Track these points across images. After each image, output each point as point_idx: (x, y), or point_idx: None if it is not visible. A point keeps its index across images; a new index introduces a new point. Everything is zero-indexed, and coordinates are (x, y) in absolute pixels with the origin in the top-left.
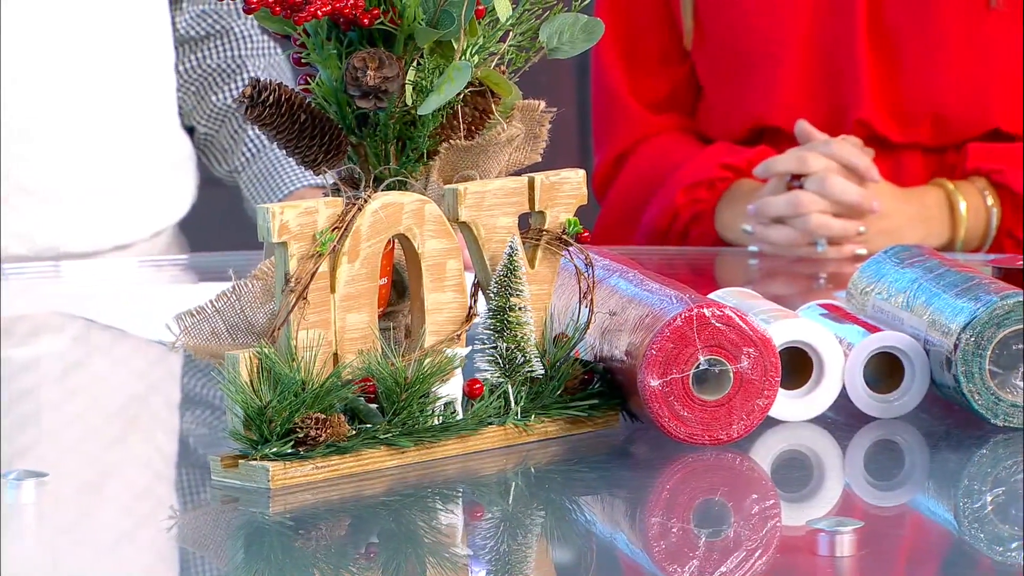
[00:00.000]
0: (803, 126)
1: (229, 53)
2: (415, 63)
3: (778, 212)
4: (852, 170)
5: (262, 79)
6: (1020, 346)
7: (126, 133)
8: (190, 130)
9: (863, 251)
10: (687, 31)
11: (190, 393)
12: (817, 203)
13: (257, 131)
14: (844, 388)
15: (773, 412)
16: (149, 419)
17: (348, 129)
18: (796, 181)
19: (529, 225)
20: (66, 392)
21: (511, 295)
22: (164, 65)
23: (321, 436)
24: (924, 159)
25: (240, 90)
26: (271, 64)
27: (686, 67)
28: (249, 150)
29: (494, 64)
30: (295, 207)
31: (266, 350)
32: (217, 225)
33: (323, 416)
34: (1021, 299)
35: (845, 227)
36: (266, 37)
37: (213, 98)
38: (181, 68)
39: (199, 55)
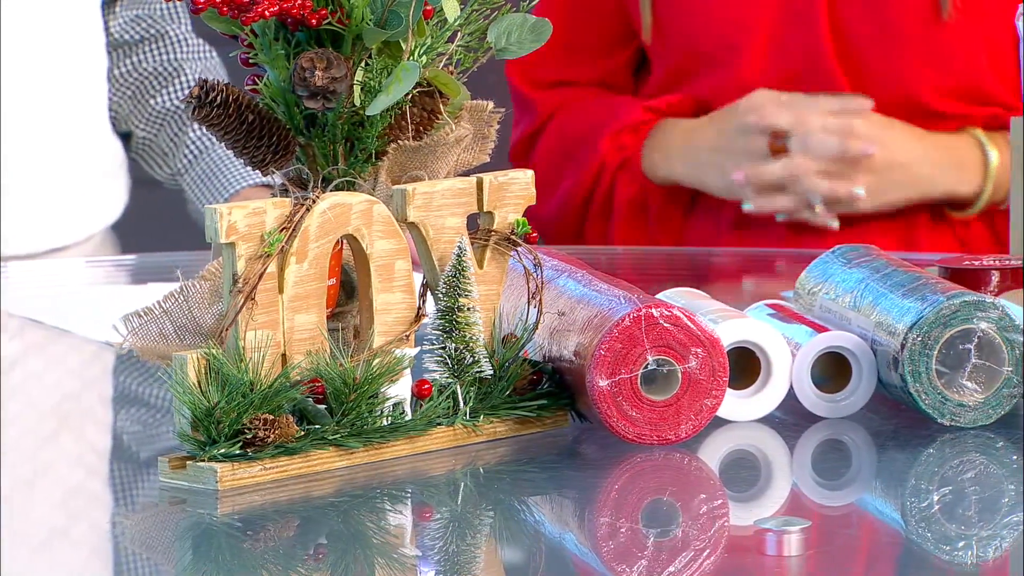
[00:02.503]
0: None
1: (165, 57)
2: (363, 64)
3: (772, 179)
4: (841, 112)
5: (209, 79)
6: (967, 346)
7: (57, 139)
8: (126, 136)
9: (860, 190)
10: (645, 26)
11: (127, 391)
12: (809, 165)
13: (198, 132)
14: (792, 388)
15: (721, 412)
16: (82, 418)
17: (296, 130)
18: (779, 140)
19: (478, 225)
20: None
21: (460, 295)
22: (96, 72)
23: (269, 437)
24: None
25: (178, 93)
26: (207, 68)
27: (624, 56)
28: (191, 152)
29: (442, 64)
30: (243, 207)
31: (214, 351)
32: (150, 227)
33: (271, 417)
34: (967, 299)
35: (834, 188)
36: (201, 41)
37: (151, 102)
38: (116, 72)
39: (134, 59)
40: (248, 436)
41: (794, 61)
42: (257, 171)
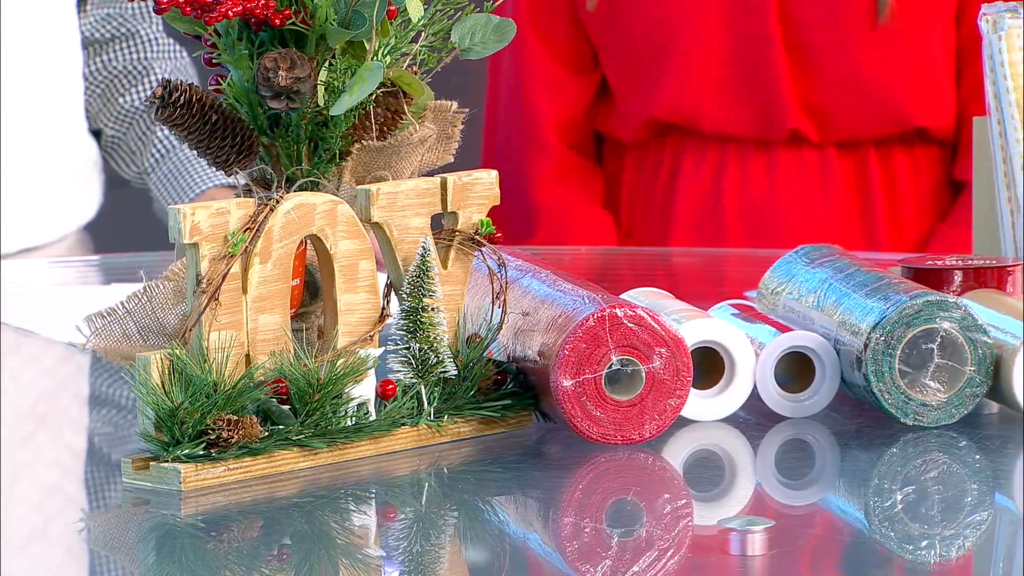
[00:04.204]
0: None
1: (135, 56)
2: (327, 64)
3: None
4: None
5: (172, 80)
6: (929, 345)
7: (32, 139)
8: (97, 133)
9: None
10: None
11: (102, 391)
12: None
13: (166, 132)
14: (755, 388)
15: (685, 412)
16: (57, 419)
17: (260, 130)
18: None
19: (442, 226)
20: None
21: (424, 296)
22: (71, 71)
23: (233, 438)
24: (846, 157)
25: (147, 92)
26: (177, 68)
27: (593, 80)
28: (158, 151)
29: (406, 65)
30: (207, 208)
31: (178, 352)
32: (124, 227)
33: (235, 417)
34: (930, 299)
35: None
36: (172, 41)
37: (121, 100)
38: (87, 70)
39: (104, 58)
40: (212, 437)
41: (743, 51)
42: (221, 171)
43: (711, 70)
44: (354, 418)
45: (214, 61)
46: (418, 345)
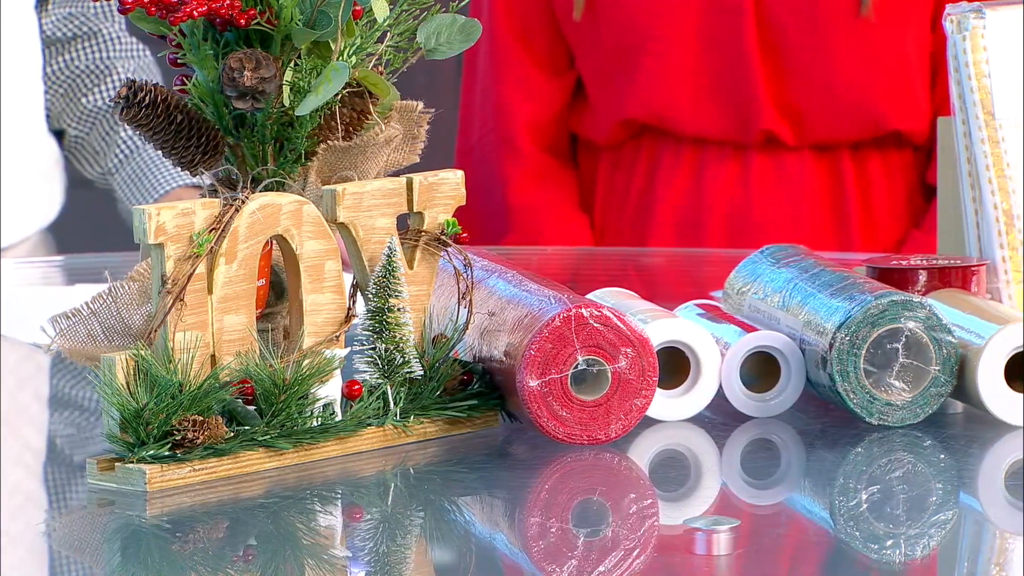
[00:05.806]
0: None
1: (98, 55)
2: (292, 64)
3: None
4: None
5: (137, 80)
6: (894, 345)
7: None
8: (59, 133)
9: None
10: (577, 4)
11: (65, 391)
12: None
13: (130, 132)
14: (721, 387)
15: (651, 412)
16: (19, 419)
17: (225, 130)
18: None
19: (408, 226)
20: None
21: (390, 296)
22: (31, 71)
23: (199, 438)
24: (821, 160)
25: (110, 92)
26: (140, 67)
27: (568, 81)
28: (122, 151)
29: (372, 65)
30: (172, 208)
31: (143, 352)
32: (87, 228)
33: (201, 418)
34: (895, 299)
35: None
36: (135, 40)
37: (83, 100)
38: (49, 70)
39: (67, 57)
40: (177, 437)
41: (718, 52)
42: (186, 171)
43: (686, 71)
44: (320, 419)
45: (179, 61)
46: (384, 345)
